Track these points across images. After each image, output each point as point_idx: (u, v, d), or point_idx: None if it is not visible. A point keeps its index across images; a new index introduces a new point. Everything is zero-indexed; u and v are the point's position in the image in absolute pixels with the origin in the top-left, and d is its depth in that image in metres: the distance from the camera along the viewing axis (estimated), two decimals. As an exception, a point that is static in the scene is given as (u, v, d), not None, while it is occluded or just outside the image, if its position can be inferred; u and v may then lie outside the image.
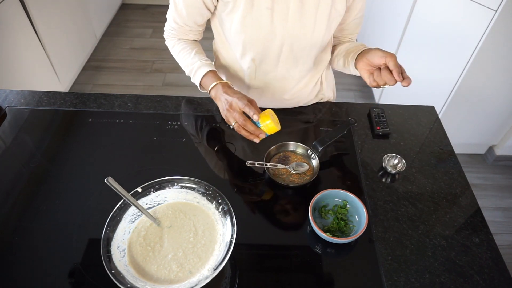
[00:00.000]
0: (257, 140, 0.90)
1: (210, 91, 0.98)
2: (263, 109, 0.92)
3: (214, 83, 0.96)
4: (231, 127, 0.92)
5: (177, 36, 1.07)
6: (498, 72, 1.79)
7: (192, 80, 1.04)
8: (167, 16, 1.04)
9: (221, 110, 0.95)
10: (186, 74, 1.06)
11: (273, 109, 1.11)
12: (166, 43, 1.10)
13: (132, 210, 0.79)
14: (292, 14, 0.91)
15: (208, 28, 1.07)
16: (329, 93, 1.22)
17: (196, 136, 1.07)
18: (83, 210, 0.87)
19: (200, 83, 1.01)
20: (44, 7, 2.22)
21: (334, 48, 1.13)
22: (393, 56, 0.86)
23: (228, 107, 0.91)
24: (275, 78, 1.08)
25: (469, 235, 0.85)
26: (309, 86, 1.13)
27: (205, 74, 0.99)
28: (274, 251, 0.82)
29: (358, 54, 0.98)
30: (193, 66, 1.02)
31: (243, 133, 0.90)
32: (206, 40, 1.17)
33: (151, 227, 0.78)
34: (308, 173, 0.96)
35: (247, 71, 1.07)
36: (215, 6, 0.96)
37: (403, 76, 0.83)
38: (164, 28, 1.08)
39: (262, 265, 0.79)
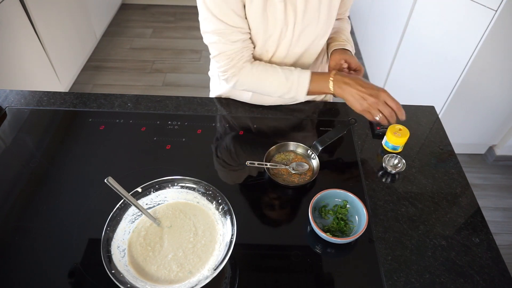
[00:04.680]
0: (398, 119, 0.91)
1: (330, 89, 0.95)
2: None
3: (331, 80, 0.94)
4: (376, 118, 0.91)
5: (241, 62, 0.97)
6: (498, 72, 1.79)
7: (293, 95, 0.98)
8: (216, 55, 0.94)
9: (355, 101, 0.92)
10: (279, 94, 0.99)
11: (276, 106, 1.11)
12: (236, 81, 0.98)
13: (132, 210, 0.79)
14: (300, 4, 0.91)
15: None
16: None
17: (196, 136, 1.07)
18: (83, 210, 0.87)
19: (308, 92, 0.97)
20: (44, 7, 2.22)
21: None
22: (363, 68, 1.03)
23: (376, 100, 0.89)
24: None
25: (469, 235, 0.85)
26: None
27: (310, 81, 0.96)
28: (274, 251, 0.82)
29: (338, 48, 1.06)
30: (292, 80, 0.96)
31: (385, 122, 0.90)
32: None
33: (151, 227, 0.78)
34: (308, 173, 0.96)
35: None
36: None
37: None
38: (222, 71, 0.97)
39: (262, 265, 0.79)
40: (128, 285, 0.65)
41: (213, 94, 1.24)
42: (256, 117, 1.12)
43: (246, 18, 0.92)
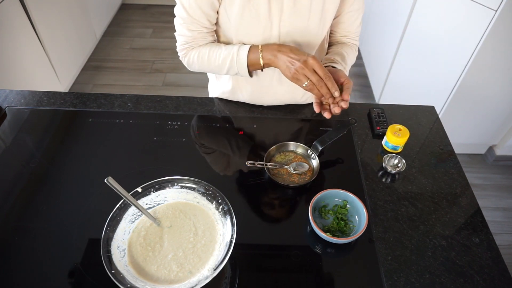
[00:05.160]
0: (331, 100, 0.88)
1: (263, 57, 0.94)
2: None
3: (260, 50, 0.94)
4: (303, 85, 0.89)
5: (195, 46, 1.02)
6: (498, 72, 1.79)
7: (236, 71, 0.99)
8: (178, 34, 1.00)
9: (286, 68, 0.91)
10: (225, 70, 1.00)
11: (276, 106, 1.10)
12: (187, 60, 1.04)
13: (132, 210, 0.79)
14: (287, 3, 0.91)
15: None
16: None
17: (196, 136, 1.07)
18: (83, 210, 0.87)
19: (248, 64, 0.96)
20: (44, 7, 2.22)
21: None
22: (351, 82, 0.94)
23: (302, 66, 0.87)
24: (275, 69, 1.05)
25: (469, 235, 0.85)
26: None
27: (249, 52, 0.95)
28: (274, 251, 0.82)
29: (328, 65, 1.02)
30: (232, 54, 0.96)
31: (316, 92, 0.88)
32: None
33: (151, 227, 0.78)
34: (308, 173, 0.96)
35: None
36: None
37: (344, 99, 0.90)
38: (178, 49, 1.04)
39: (262, 265, 0.79)
40: (128, 285, 0.65)
41: (211, 95, 1.24)
42: (256, 117, 1.12)
43: (217, 14, 0.96)
